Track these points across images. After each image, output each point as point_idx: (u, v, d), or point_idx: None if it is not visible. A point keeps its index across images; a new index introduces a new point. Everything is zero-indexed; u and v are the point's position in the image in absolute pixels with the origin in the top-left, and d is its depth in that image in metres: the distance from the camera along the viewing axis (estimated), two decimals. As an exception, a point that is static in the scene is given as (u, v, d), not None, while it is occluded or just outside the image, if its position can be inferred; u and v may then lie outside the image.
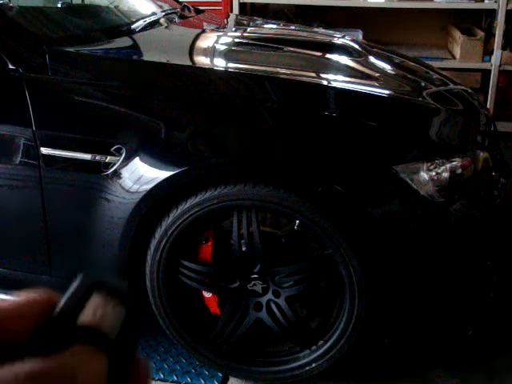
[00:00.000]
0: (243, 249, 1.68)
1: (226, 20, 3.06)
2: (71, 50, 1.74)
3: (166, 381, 1.85)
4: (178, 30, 2.40)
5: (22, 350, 0.29)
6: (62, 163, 1.65)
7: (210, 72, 1.84)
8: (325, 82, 1.88)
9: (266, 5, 4.20)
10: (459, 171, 1.63)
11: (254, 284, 1.71)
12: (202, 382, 1.84)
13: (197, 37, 2.33)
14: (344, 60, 2.14)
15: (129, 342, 0.32)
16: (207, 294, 1.79)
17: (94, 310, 0.32)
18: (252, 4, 4.12)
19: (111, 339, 0.31)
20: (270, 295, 1.72)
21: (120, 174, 1.61)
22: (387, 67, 2.22)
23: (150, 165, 1.60)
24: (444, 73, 2.39)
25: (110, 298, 0.32)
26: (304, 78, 1.86)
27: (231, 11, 3.91)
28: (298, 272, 1.68)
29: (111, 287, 0.32)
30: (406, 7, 3.92)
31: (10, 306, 0.31)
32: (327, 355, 1.72)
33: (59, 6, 2.26)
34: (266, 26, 2.81)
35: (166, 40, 2.21)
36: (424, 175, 1.58)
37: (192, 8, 2.74)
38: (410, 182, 1.57)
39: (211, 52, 2.09)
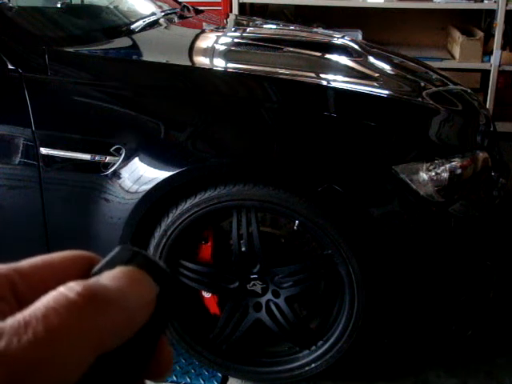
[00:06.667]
0: (243, 249, 1.68)
1: (225, 20, 3.06)
2: (71, 50, 1.74)
3: (166, 381, 1.85)
4: (178, 30, 2.39)
5: None
6: (62, 163, 1.65)
7: (209, 72, 1.84)
8: (324, 82, 1.88)
9: (266, 5, 4.20)
10: (459, 171, 1.63)
11: (254, 284, 1.71)
12: (202, 382, 1.84)
13: (196, 37, 2.33)
14: (343, 60, 2.14)
15: (158, 320, 0.30)
16: (207, 294, 1.79)
17: None
18: (251, 4, 4.12)
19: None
20: (269, 295, 1.72)
21: (119, 174, 1.61)
22: (387, 67, 2.21)
23: (150, 165, 1.60)
24: (443, 73, 2.39)
25: (145, 271, 0.30)
26: (304, 78, 1.86)
27: (231, 11, 3.91)
28: (298, 272, 1.68)
29: (149, 260, 0.31)
30: (405, 7, 3.92)
31: (60, 257, 0.31)
32: (326, 355, 1.72)
33: (59, 6, 2.26)
34: (265, 26, 2.81)
35: (165, 40, 2.21)
36: (423, 175, 1.58)
37: (191, 8, 2.74)
38: (409, 182, 1.57)
39: (211, 52, 2.09)
